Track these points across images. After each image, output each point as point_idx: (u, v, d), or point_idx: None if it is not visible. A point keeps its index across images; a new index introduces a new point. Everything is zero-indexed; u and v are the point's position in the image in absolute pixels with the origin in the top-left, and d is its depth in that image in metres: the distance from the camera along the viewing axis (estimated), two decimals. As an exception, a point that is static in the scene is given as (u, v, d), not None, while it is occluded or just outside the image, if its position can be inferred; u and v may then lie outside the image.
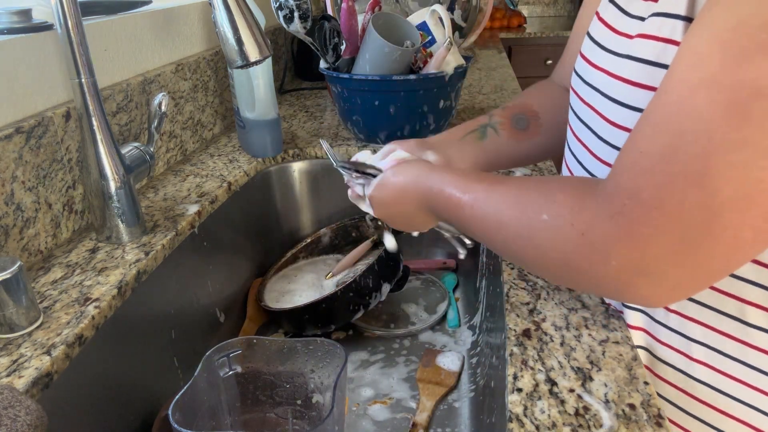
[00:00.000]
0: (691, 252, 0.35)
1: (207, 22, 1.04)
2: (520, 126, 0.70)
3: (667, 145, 0.35)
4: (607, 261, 0.38)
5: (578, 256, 0.40)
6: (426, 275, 0.98)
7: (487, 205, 0.48)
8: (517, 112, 0.70)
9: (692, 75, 0.34)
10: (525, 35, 2.57)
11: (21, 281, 0.51)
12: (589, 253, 0.39)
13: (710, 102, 0.33)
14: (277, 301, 0.88)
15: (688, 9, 0.41)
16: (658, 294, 0.39)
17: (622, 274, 0.38)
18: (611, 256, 0.38)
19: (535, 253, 0.44)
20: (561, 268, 0.42)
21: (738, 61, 0.32)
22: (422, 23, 0.94)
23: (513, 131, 0.70)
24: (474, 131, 0.70)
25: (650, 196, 0.35)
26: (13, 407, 0.40)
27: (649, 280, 0.38)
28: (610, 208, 0.38)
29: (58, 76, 0.69)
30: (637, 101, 0.45)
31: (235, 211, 0.88)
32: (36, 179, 0.64)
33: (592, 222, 0.39)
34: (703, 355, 0.49)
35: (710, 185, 0.33)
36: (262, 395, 0.63)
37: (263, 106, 0.90)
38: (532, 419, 0.42)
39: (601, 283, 0.41)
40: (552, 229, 0.42)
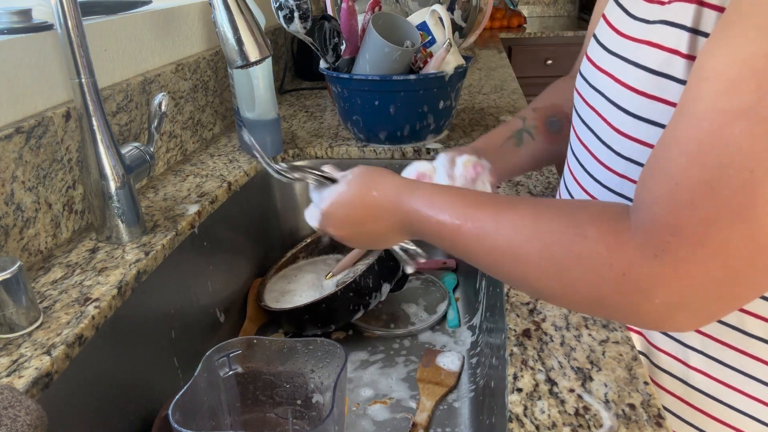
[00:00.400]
0: (734, 286, 0.35)
1: (207, 22, 1.04)
2: (554, 129, 0.69)
3: (707, 178, 0.34)
4: (651, 299, 0.37)
5: (618, 296, 0.38)
6: (426, 275, 0.98)
7: (497, 235, 0.43)
8: (550, 115, 0.69)
9: (725, 104, 0.33)
10: (525, 35, 2.57)
11: (21, 281, 0.51)
12: (630, 293, 0.37)
13: (749, 134, 0.32)
14: (277, 301, 0.88)
15: (695, 20, 0.40)
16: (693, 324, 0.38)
17: (665, 310, 0.37)
18: (656, 295, 0.36)
19: (563, 291, 0.41)
20: (594, 304, 0.40)
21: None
22: (422, 23, 0.94)
23: (548, 135, 0.69)
24: (511, 137, 0.68)
25: (695, 233, 0.34)
26: (13, 407, 0.40)
27: (689, 314, 0.37)
28: (652, 246, 0.36)
29: (58, 76, 0.69)
30: (642, 110, 0.45)
31: (235, 211, 0.88)
32: (36, 179, 0.64)
33: (633, 261, 0.37)
34: (702, 364, 0.49)
35: (755, 220, 0.32)
36: (262, 395, 0.63)
37: (263, 106, 0.90)
38: (532, 419, 0.42)
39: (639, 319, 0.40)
40: (585, 268, 0.39)
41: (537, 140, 0.68)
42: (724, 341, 0.47)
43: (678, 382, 0.51)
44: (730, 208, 0.33)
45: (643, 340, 0.53)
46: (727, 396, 0.49)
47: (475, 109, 1.22)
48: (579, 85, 0.58)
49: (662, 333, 0.51)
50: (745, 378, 0.48)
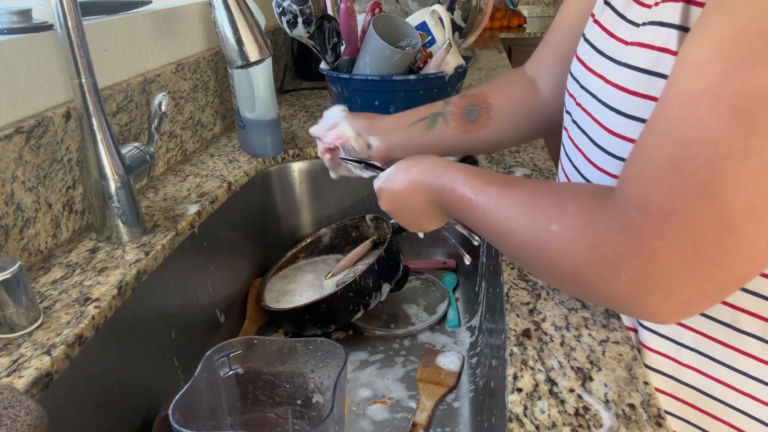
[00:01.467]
0: (703, 266, 0.35)
1: (207, 22, 1.04)
2: (470, 118, 0.70)
3: (673, 155, 0.34)
4: (617, 276, 0.37)
5: (588, 270, 0.39)
6: (426, 275, 0.98)
7: (497, 210, 0.47)
8: (471, 103, 0.70)
9: (693, 85, 0.34)
10: (525, 35, 2.57)
11: (21, 281, 0.51)
12: (599, 267, 0.38)
13: (713, 112, 0.33)
14: (277, 301, 0.88)
15: (683, 18, 0.41)
16: (669, 310, 0.38)
17: (632, 289, 0.37)
18: (621, 270, 0.37)
19: (544, 263, 0.43)
20: (571, 279, 0.42)
21: (738, 70, 0.32)
22: (422, 23, 0.94)
23: (462, 123, 0.69)
24: (424, 119, 0.70)
25: (659, 209, 0.35)
26: (13, 407, 0.40)
27: (660, 296, 0.37)
28: (619, 221, 0.37)
29: (58, 76, 0.69)
30: (633, 110, 0.45)
31: (235, 211, 0.88)
32: (36, 179, 0.64)
33: (602, 235, 0.38)
34: (693, 361, 0.50)
35: (720, 196, 0.33)
36: (262, 395, 0.63)
37: (263, 106, 0.90)
38: (532, 419, 0.42)
39: (610, 298, 0.40)
40: (562, 241, 0.41)
41: (449, 126, 0.69)
42: (716, 338, 0.48)
43: (668, 379, 0.51)
44: (694, 184, 0.33)
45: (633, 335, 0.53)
46: (718, 392, 0.49)
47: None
48: (570, 87, 0.58)
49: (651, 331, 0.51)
50: (737, 374, 0.48)
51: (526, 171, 0.87)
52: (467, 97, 0.71)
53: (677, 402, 0.52)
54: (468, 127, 0.70)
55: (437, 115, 0.69)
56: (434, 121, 0.69)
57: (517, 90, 0.72)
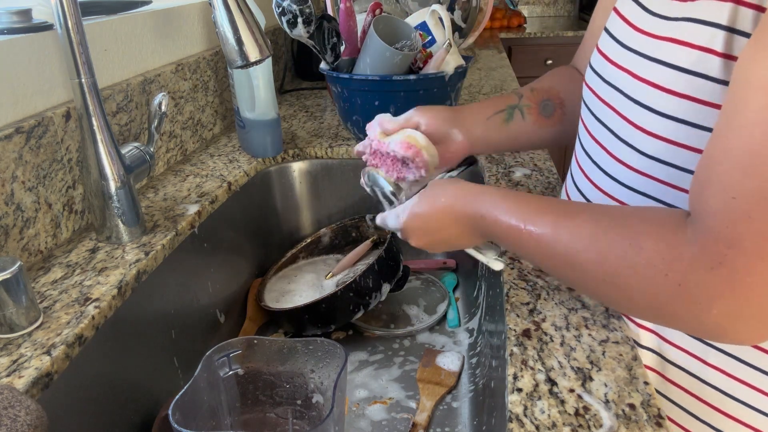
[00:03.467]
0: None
1: (207, 22, 1.04)
2: (546, 112, 0.68)
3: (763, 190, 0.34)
4: (708, 311, 0.37)
5: (675, 305, 0.38)
6: (426, 275, 0.98)
7: (556, 243, 0.45)
8: (545, 98, 0.69)
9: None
10: (525, 35, 2.57)
11: (21, 281, 0.51)
12: (687, 303, 0.38)
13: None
14: (277, 301, 0.88)
15: (730, 19, 0.40)
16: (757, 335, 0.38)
17: (723, 321, 0.37)
18: (713, 306, 0.37)
19: (619, 296, 0.42)
20: (651, 311, 0.41)
21: None
22: (422, 23, 0.94)
23: (539, 117, 0.68)
24: (502, 111, 0.68)
25: (753, 245, 0.34)
26: (13, 407, 0.40)
27: (749, 325, 0.37)
28: (708, 258, 0.36)
29: (58, 76, 0.69)
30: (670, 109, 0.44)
31: (235, 211, 0.88)
32: (36, 179, 0.64)
33: (690, 273, 0.37)
34: (720, 361, 0.49)
35: None
36: (262, 395, 0.63)
37: (263, 106, 0.90)
38: (532, 419, 0.42)
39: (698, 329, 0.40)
40: (642, 278, 0.40)
41: (527, 120, 0.68)
42: None
43: (693, 378, 0.51)
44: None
45: (653, 336, 0.53)
46: (741, 392, 0.49)
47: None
48: (590, 80, 0.57)
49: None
50: (761, 375, 0.47)
51: (526, 171, 0.87)
52: (538, 91, 0.70)
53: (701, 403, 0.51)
54: (544, 122, 0.69)
55: (514, 107, 0.68)
56: (512, 114, 0.68)
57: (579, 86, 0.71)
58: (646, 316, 0.44)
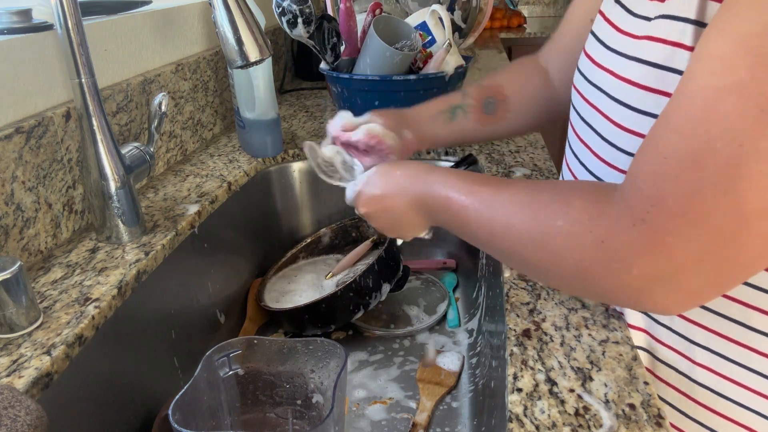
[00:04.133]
0: (715, 261, 0.35)
1: (207, 22, 1.04)
2: (488, 111, 0.71)
3: (694, 151, 0.34)
4: (629, 270, 0.37)
5: (597, 264, 0.39)
6: (426, 275, 0.98)
7: (493, 208, 0.46)
8: (488, 96, 0.72)
9: (718, 81, 0.33)
10: (525, 35, 2.57)
11: (21, 281, 0.51)
12: (609, 262, 0.38)
13: (740, 109, 0.32)
14: (277, 301, 0.88)
15: (699, 13, 0.40)
16: (675, 302, 0.38)
17: (643, 282, 0.37)
18: (633, 264, 0.37)
19: (548, 259, 0.42)
20: (576, 275, 0.41)
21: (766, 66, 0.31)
22: (422, 23, 0.94)
23: (480, 115, 0.71)
24: (445, 111, 0.71)
25: (676, 204, 0.34)
26: (13, 407, 0.40)
27: (669, 289, 0.37)
28: (632, 215, 0.37)
29: (58, 76, 0.69)
30: (644, 104, 0.45)
31: (235, 211, 0.88)
32: (36, 179, 0.64)
33: (613, 229, 0.37)
34: (706, 359, 0.49)
35: (740, 193, 0.32)
36: (262, 395, 0.63)
37: (263, 106, 0.90)
38: (532, 419, 0.42)
39: (618, 292, 0.39)
40: (569, 235, 0.40)
41: (469, 119, 0.71)
42: (729, 336, 0.47)
43: (682, 377, 0.51)
44: (715, 181, 0.33)
45: (645, 336, 0.53)
46: (731, 391, 0.49)
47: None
48: (577, 82, 0.58)
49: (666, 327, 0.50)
50: (749, 373, 0.47)
51: (526, 171, 0.87)
52: (484, 88, 0.73)
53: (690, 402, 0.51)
54: (486, 120, 0.71)
55: (457, 107, 0.71)
56: (455, 113, 0.71)
57: (531, 81, 0.74)
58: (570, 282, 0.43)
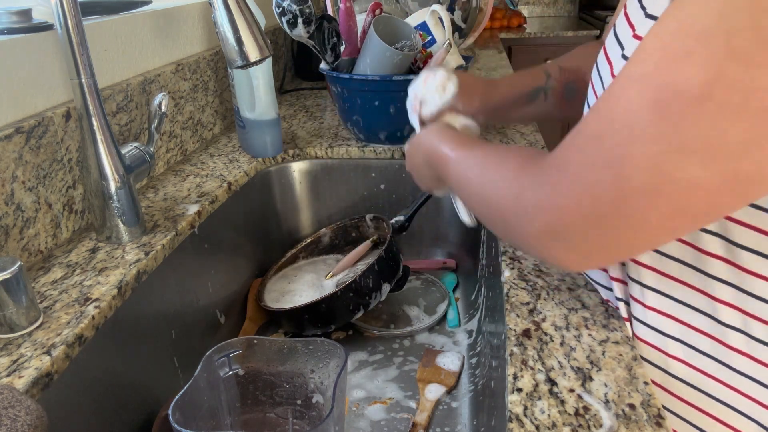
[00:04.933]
0: (599, 226, 0.39)
1: (207, 22, 1.04)
2: (569, 96, 0.73)
3: (599, 128, 0.38)
4: (532, 223, 0.43)
5: (511, 216, 0.45)
6: (426, 275, 0.98)
7: (463, 165, 0.54)
8: (571, 80, 0.73)
9: (633, 70, 0.36)
10: (525, 35, 2.57)
11: (21, 281, 0.51)
12: (519, 214, 0.44)
13: (639, 97, 0.35)
14: (277, 301, 0.88)
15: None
16: (572, 259, 0.43)
17: (542, 237, 0.42)
18: (535, 219, 0.42)
19: (484, 208, 0.50)
20: (500, 222, 0.48)
21: (668, 63, 0.34)
22: (422, 23, 0.94)
23: (561, 100, 0.73)
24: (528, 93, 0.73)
25: (574, 172, 0.39)
26: (13, 407, 0.40)
27: (564, 246, 0.42)
28: (542, 176, 0.42)
29: (58, 76, 0.69)
30: None
31: (235, 211, 0.88)
32: (36, 179, 0.64)
33: (527, 187, 0.43)
34: (680, 352, 0.50)
35: (624, 171, 0.36)
36: (262, 395, 0.63)
37: (263, 106, 0.90)
38: (532, 419, 0.42)
39: (527, 243, 0.45)
40: (497, 189, 0.47)
41: (549, 102, 0.73)
42: (700, 329, 0.48)
43: (657, 370, 0.52)
44: (608, 157, 0.37)
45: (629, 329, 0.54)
46: (705, 384, 0.49)
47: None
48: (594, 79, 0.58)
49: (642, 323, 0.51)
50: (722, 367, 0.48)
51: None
52: (566, 72, 0.74)
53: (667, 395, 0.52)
54: (564, 105, 0.74)
55: (539, 90, 0.73)
56: (536, 95, 0.73)
57: None
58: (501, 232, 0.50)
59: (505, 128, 1.06)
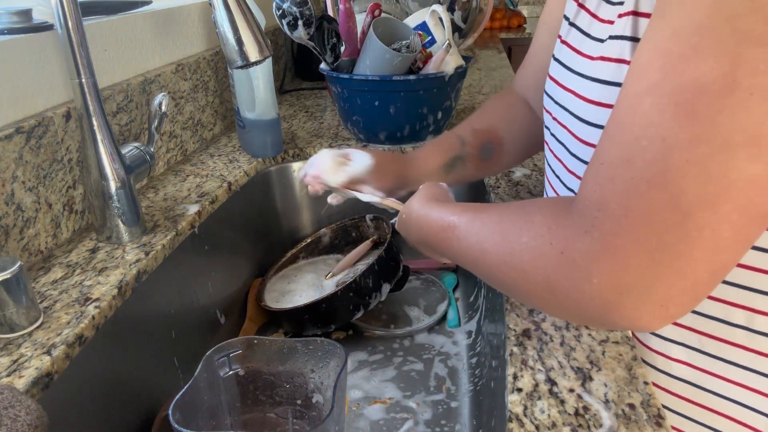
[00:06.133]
0: (669, 259, 0.34)
1: (207, 22, 1.04)
2: (486, 156, 0.72)
3: (624, 152, 0.35)
4: (589, 279, 0.37)
5: (560, 276, 0.39)
6: (426, 275, 0.98)
7: (471, 235, 0.48)
8: (486, 141, 0.72)
9: (637, 86, 0.35)
10: (525, 35, 2.57)
11: (21, 281, 0.51)
12: (569, 272, 0.38)
13: (657, 107, 0.33)
14: (277, 301, 0.88)
15: (633, 29, 0.43)
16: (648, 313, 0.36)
17: (605, 292, 0.36)
18: (592, 273, 0.36)
19: (518, 277, 0.43)
20: (545, 290, 0.41)
21: (676, 65, 0.33)
22: (422, 23, 0.94)
23: (479, 162, 0.73)
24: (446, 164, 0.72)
25: (617, 205, 0.35)
26: (14, 407, 0.40)
27: (634, 297, 0.36)
28: (583, 223, 0.37)
29: (58, 76, 0.69)
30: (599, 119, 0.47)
31: (235, 211, 0.88)
32: (36, 179, 0.64)
33: (569, 239, 0.38)
34: (683, 355, 0.50)
35: (673, 185, 0.33)
36: (262, 395, 0.63)
37: (263, 106, 0.90)
38: (532, 419, 0.42)
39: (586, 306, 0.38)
40: (532, 251, 0.41)
41: (467, 168, 0.72)
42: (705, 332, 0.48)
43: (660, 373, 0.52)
44: (647, 177, 0.34)
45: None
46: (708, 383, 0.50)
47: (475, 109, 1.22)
48: (546, 104, 0.60)
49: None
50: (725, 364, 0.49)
51: (525, 171, 0.87)
52: (479, 133, 0.73)
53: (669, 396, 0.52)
54: (483, 165, 0.73)
55: (456, 159, 0.72)
56: (453, 165, 0.72)
57: (519, 117, 0.75)
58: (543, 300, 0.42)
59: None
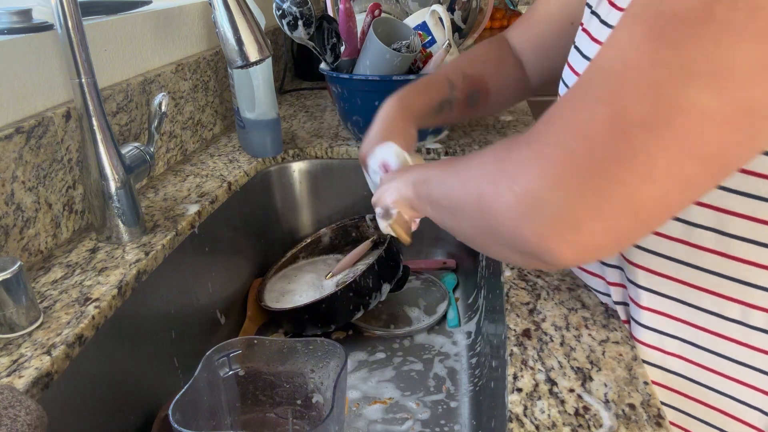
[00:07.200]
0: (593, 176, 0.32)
1: (207, 22, 1.04)
2: (472, 102, 0.74)
3: (586, 74, 0.34)
4: (511, 186, 0.35)
5: (489, 183, 0.38)
6: (426, 275, 0.98)
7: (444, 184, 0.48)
8: (474, 89, 0.74)
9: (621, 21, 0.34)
10: (525, 35, 2.57)
11: (21, 281, 0.51)
12: (498, 179, 0.37)
13: (629, 32, 0.32)
14: (277, 301, 0.88)
15: None
16: (555, 234, 0.34)
17: (522, 202, 0.35)
18: (517, 180, 0.35)
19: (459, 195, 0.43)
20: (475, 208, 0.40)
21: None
22: (422, 23, 0.94)
23: (464, 107, 0.74)
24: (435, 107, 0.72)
25: (560, 118, 0.34)
26: (13, 407, 0.40)
27: (546, 213, 0.34)
28: (527, 136, 0.36)
29: (58, 76, 0.69)
30: None
31: (235, 211, 0.88)
32: (36, 179, 0.64)
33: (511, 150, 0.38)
34: (677, 349, 0.50)
35: (619, 102, 0.31)
36: (262, 395, 0.63)
37: (263, 106, 0.90)
38: (532, 419, 0.42)
39: (502, 219, 0.37)
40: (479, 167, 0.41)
41: (453, 111, 0.73)
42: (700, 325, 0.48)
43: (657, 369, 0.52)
44: (597, 95, 0.33)
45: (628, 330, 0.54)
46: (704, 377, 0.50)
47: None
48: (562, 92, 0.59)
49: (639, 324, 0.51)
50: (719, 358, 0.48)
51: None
52: (469, 80, 0.74)
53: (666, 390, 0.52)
54: (467, 111, 0.76)
55: (444, 102, 0.73)
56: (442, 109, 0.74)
57: (510, 71, 0.77)
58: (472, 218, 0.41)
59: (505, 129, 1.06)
